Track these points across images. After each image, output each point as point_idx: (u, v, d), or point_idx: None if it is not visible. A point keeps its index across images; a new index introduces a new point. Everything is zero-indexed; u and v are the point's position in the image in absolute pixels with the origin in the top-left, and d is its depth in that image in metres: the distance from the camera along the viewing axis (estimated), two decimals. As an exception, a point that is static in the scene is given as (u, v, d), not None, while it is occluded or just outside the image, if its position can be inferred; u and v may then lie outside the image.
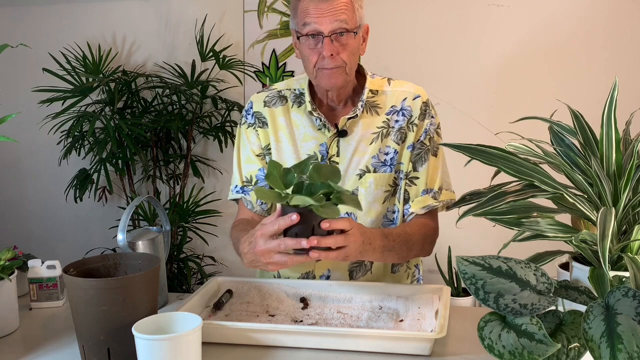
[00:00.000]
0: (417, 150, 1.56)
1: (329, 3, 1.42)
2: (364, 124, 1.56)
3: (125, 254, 1.36)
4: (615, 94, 1.12)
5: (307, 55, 1.48)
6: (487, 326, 0.98)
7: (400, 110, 1.56)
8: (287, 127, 1.59)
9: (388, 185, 1.56)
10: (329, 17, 1.42)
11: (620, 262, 1.07)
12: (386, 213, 1.58)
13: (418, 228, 1.52)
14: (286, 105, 1.61)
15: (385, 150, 1.55)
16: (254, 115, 1.63)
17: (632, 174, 1.06)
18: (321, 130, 1.56)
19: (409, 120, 1.56)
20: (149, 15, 3.13)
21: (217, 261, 3.16)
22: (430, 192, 1.56)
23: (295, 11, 1.48)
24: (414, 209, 1.55)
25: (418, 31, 2.90)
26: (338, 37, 1.44)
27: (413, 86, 1.60)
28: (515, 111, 1.55)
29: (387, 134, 1.55)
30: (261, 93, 1.65)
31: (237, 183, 1.65)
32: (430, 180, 1.56)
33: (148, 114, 2.95)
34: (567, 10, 2.78)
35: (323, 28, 1.43)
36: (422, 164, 1.56)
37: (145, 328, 1.10)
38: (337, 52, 1.44)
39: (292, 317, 1.38)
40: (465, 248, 2.05)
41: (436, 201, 1.55)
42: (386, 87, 1.60)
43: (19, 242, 2.17)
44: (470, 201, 1.26)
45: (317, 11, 1.43)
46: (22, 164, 3.34)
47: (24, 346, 1.34)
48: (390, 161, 1.55)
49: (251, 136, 1.63)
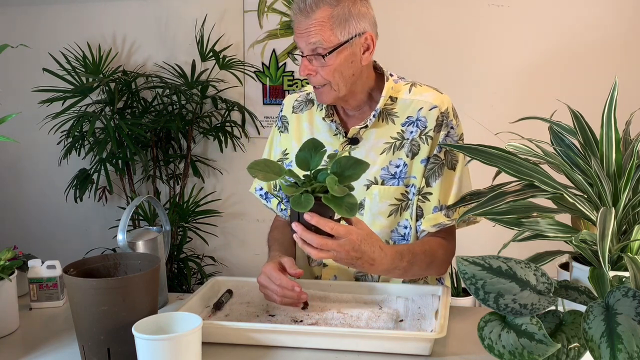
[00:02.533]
0: (431, 164, 1.48)
1: (307, 20, 1.38)
2: (377, 132, 1.50)
3: (125, 254, 1.36)
4: (615, 94, 1.12)
5: None
6: (487, 326, 0.98)
7: (416, 120, 1.49)
8: (309, 131, 1.58)
9: (394, 198, 1.49)
10: (305, 38, 1.40)
11: (620, 262, 1.08)
12: (396, 227, 1.51)
13: (437, 247, 1.47)
14: (311, 110, 1.60)
15: (395, 162, 1.49)
16: (281, 119, 1.65)
17: (632, 174, 1.06)
18: (336, 136, 1.54)
19: (422, 132, 1.48)
20: (149, 15, 3.13)
21: (217, 261, 3.16)
22: (442, 209, 1.47)
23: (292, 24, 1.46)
24: (425, 227, 1.48)
25: (418, 32, 2.90)
26: (317, 57, 1.40)
27: (434, 95, 1.51)
28: (515, 111, 1.55)
29: (400, 146, 1.48)
30: (294, 95, 1.66)
31: (262, 185, 1.66)
32: (443, 196, 1.47)
33: (148, 114, 2.95)
34: (567, 11, 2.78)
35: (301, 46, 1.42)
36: (435, 179, 1.47)
37: (145, 328, 1.10)
38: (315, 71, 1.42)
39: (292, 317, 1.38)
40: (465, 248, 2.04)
41: (449, 219, 1.47)
42: (406, 94, 1.52)
43: (19, 242, 2.17)
44: (470, 201, 1.26)
45: (297, 28, 1.41)
46: (22, 164, 3.34)
47: (24, 346, 1.34)
48: (399, 174, 1.48)
49: (277, 139, 1.66)
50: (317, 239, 1.23)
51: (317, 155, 1.24)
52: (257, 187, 1.68)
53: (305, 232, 1.23)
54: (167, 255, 1.64)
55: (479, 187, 1.24)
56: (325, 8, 1.38)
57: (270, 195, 1.65)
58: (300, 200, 1.19)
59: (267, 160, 1.25)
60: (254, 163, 1.23)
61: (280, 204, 1.64)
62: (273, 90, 3.08)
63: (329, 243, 1.23)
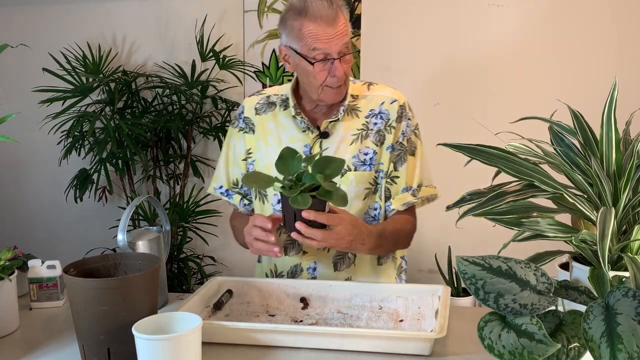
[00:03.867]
0: (397, 151, 1.67)
1: (334, 28, 1.53)
2: (344, 126, 1.66)
3: (125, 254, 1.36)
4: (615, 94, 1.12)
5: (314, 75, 1.57)
6: (487, 326, 0.98)
7: (379, 113, 1.67)
8: (276, 130, 1.70)
9: (368, 183, 1.65)
10: (337, 40, 1.53)
11: (620, 262, 1.07)
12: (368, 210, 1.67)
13: (405, 224, 1.66)
14: (275, 111, 1.72)
15: (364, 150, 1.65)
16: (244, 120, 1.74)
17: (632, 174, 1.06)
18: (305, 132, 1.66)
19: (386, 123, 1.67)
20: (149, 15, 3.13)
21: (217, 261, 3.16)
22: (409, 189, 1.67)
23: (298, 33, 1.55)
24: (395, 206, 1.66)
25: (418, 31, 2.90)
26: (344, 58, 1.56)
27: (391, 91, 1.71)
28: (515, 111, 1.55)
29: (366, 136, 1.66)
30: (253, 97, 1.77)
31: (222, 183, 1.77)
32: (409, 178, 1.67)
33: (148, 114, 2.95)
34: (567, 10, 2.78)
35: (332, 50, 1.54)
36: (402, 164, 1.67)
37: (145, 328, 1.11)
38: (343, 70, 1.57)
39: (292, 317, 1.38)
40: (465, 248, 2.04)
41: (415, 198, 1.67)
42: (366, 92, 1.71)
43: (19, 242, 2.17)
44: (470, 201, 1.26)
45: (326, 36, 1.53)
46: (22, 164, 3.34)
47: (24, 346, 1.34)
48: (369, 161, 1.65)
49: (240, 140, 1.74)
50: (320, 233, 1.39)
51: (294, 161, 1.39)
52: (217, 186, 1.78)
53: (309, 229, 1.38)
54: (167, 255, 1.64)
55: (479, 187, 1.24)
56: (342, 16, 1.56)
57: (231, 192, 1.76)
58: (299, 200, 1.32)
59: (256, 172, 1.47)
60: (246, 176, 1.53)
61: (244, 199, 1.75)
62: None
63: (330, 233, 1.41)
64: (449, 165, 1.62)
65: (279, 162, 1.40)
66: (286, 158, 1.40)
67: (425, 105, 2.81)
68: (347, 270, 1.66)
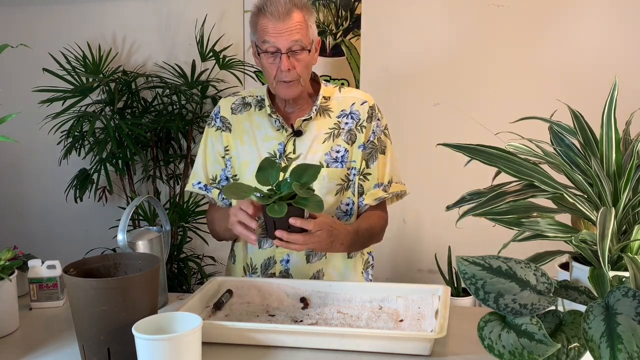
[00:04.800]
0: (369, 149, 1.76)
1: (284, 23, 1.60)
2: (317, 125, 1.74)
3: (125, 254, 1.36)
4: (615, 94, 1.12)
5: (267, 69, 1.66)
6: (487, 326, 0.98)
7: (350, 113, 1.76)
8: (251, 129, 1.77)
9: (340, 179, 1.73)
10: (286, 36, 1.60)
11: (620, 262, 1.07)
12: (340, 205, 1.75)
13: (377, 220, 1.76)
14: (250, 111, 1.80)
15: (336, 148, 1.73)
16: (221, 120, 1.81)
17: (632, 174, 1.06)
18: (279, 131, 1.74)
19: (357, 123, 1.75)
20: (149, 15, 3.13)
21: (217, 261, 3.15)
22: (381, 185, 1.77)
23: (255, 27, 1.66)
24: (367, 201, 1.76)
25: (418, 32, 2.90)
26: (293, 54, 1.62)
27: (361, 93, 1.81)
28: (515, 111, 1.55)
29: (337, 134, 1.74)
30: (229, 98, 1.85)
31: (201, 179, 1.82)
32: (380, 175, 1.77)
33: (148, 114, 2.95)
34: (567, 10, 2.78)
35: (280, 45, 1.61)
36: (373, 162, 1.76)
37: (145, 328, 1.11)
38: (293, 66, 1.63)
39: (292, 317, 1.38)
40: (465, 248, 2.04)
41: (386, 193, 1.76)
42: (337, 93, 1.80)
43: (19, 242, 2.17)
44: (470, 201, 1.26)
45: (275, 30, 1.60)
46: (22, 164, 3.34)
47: (24, 346, 1.34)
48: (341, 158, 1.73)
49: (218, 138, 1.81)
50: (302, 237, 1.45)
51: (273, 170, 1.44)
52: (195, 182, 1.83)
53: (291, 235, 1.44)
54: (167, 255, 1.64)
55: (479, 187, 1.24)
56: (298, 12, 1.62)
57: (210, 187, 1.81)
58: (275, 208, 1.37)
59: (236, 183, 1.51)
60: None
61: (221, 193, 1.80)
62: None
63: (311, 237, 1.47)
64: (449, 165, 1.62)
65: (258, 173, 1.45)
66: (265, 169, 1.45)
67: (425, 105, 2.81)
68: (319, 262, 1.73)
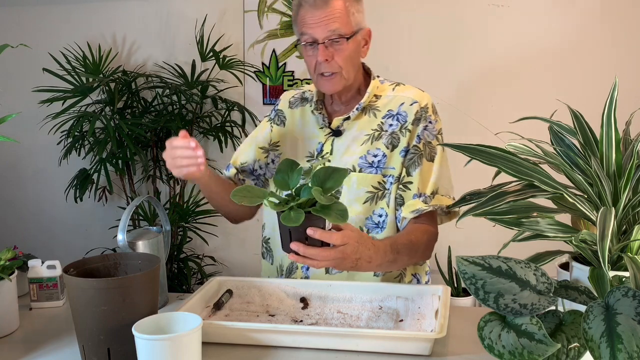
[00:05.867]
0: (411, 154, 1.56)
1: (322, 10, 1.48)
2: (359, 125, 1.60)
3: (125, 254, 1.36)
4: (615, 94, 1.12)
5: (307, 62, 1.55)
6: (487, 326, 0.98)
7: (396, 114, 1.58)
8: (301, 126, 1.67)
9: (371, 186, 1.56)
10: (323, 25, 1.48)
11: (620, 262, 1.07)
12: (371, 215, 1.56)
13: (421, 235, 1.51)
14: (305, 107, 1.69)
15: (374, 152, 1.57)
16: (276, 112, 1.73)
17: (632, 174, 1.06)
18: (322, 129, 1.63)
19: (402, 126, 1.57)
20: (149, 15, 3.13)
21: (217, 261, 3.16)
22: (421, 196, 1.54)
23: (296, 19, 1.55)
24: (404, 214, 1.53)
25: (418, 31, 2.90)
26: (332, 43, 1.50)
27: (416, 92, 1.61)
28: (515, 111, 1.55)
29: (378, 137, 1.57)
30: (291, 91, 1.76)
31: (232, 161, 1.75)
32: (422, 184, 1.54)
33: (148, 114, 2.95)
34: (567, 10, 2.78)
35: (317, 35, 1.49)
36: (415, 169, 1.55)
37: (145, 328, 1.11)
38: (332, 57, 1.50)
39: (292, 317, 1.38)
40: (465, 248, 2.04)
41: (426, 205, 1.52)
42: (389, 92, 1.63)
43: (19, 242, 2.17)
44: (470, 201, 1.26)
45: (312, 19, 1.49)
46: (22, 164, 3.34)
47: (24, 346, 1.34)
48: (377, 163, 1.56)
49: (266, 129, 1.73)
50: (321, 252, 1.24)
51: (294, 173, 1.28)
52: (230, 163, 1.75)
53: (308, 249, 1.24)
54: (167, 255, 1.64)
55: (479, 187, 1.24)
56: (338, 1, 1.49)
57: (231, 166, 1.75)
58: (290, 216, 1.19)
59: (247, 186, 1.27)
60: (236, 190, 1.24)
61: (238, 173, 1.73)
62: (273, 90, 3.08)
63: (331, 253, 1.26)
64: (449, 165, 1.62)
65: (277, 175, 1.29)
66: (285, 171, 1.29)
67: (425, 105, 2.81)
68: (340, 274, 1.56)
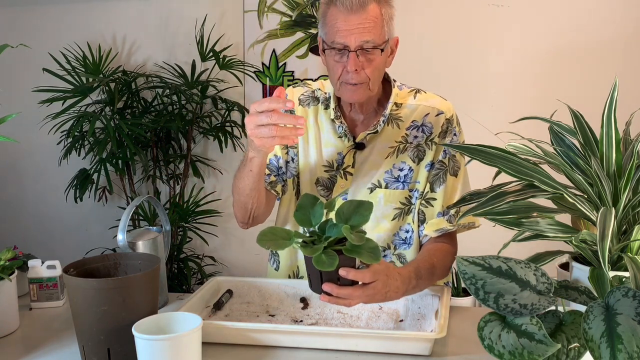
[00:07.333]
0: (436, 170, 1.50)
1: (358, 15, 1.37)
2: (383, 137, 1.52)
3: (125, 254, 1.36)
4: (615, 94, 1.12)
5: (331, 67, 1.44)
6: (487, 326, 0.98)
7: (421, 126, 1.51)
8: (314, 128, 1.57)
9: (399, 202, 1.50)
10: (358, 33, 1.37)
11: (620, 262, 1.07)
12: (398, 232, 1.52)
13: (442, 258, 1.46)
14: (317, 107, 1.59)
15: (399, 166, 1.50)
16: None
17: (632, 174, 1.06)
18: (341, 139, 1.54)
19: (428, 138, 1.50)
20: (149, 15, 3.13)
21: (217, 261, 3.16)
22: (445, 214, 1.49)
23: (324, 19, 1.43)
24: (427, 232, 1.49)
25: (417, 32, 2.90)
26: (364, 53, 1.39)
27: (439, 101, 1.54)
28: (516, 111, 1.55)
29: (403, 150, 1.50)
30: (298, 88, 1.63)
31: None
32: (447, 202, 1.49)
33: (148, 114, 2.95)
34: (567, 11, 2.78)
35: (350, 43, 1.38)
36: (439, 185, 1.49)
37: (145, 328, 1.11)
38: (362, 67, 1.40)
39: (292, 317, 1.38)
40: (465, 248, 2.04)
41: (451, 225, 1.49)
42: (411, 100, 1.55)
43: (19, 242, 2.17)
44: (471, 201, 1.26)
45: (345, 23, 1.37)
46: (22, 164, 3.34)
47: (24, 346, 1.34)
48: (404, 178, 1.50)
49: None
50: (354, 292, 1.20)
51: (315, 209, 1.22)
52: None
53: (341, 289, 1.19)
54: (167, 255, 1.64)
55: (479, 187, 1.24)
56: (375, 6, 1.38)
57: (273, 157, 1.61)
58: (324, 259, 1.14)
59: (271, 228, 1.22)
60: (261, 234, 1.19)
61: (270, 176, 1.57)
62: (273, 90, 3.08)
63: (364, 291, 1.21)
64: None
65: (297, 212, 1.23)
66: (306, 207, 1.22)
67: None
68: None
